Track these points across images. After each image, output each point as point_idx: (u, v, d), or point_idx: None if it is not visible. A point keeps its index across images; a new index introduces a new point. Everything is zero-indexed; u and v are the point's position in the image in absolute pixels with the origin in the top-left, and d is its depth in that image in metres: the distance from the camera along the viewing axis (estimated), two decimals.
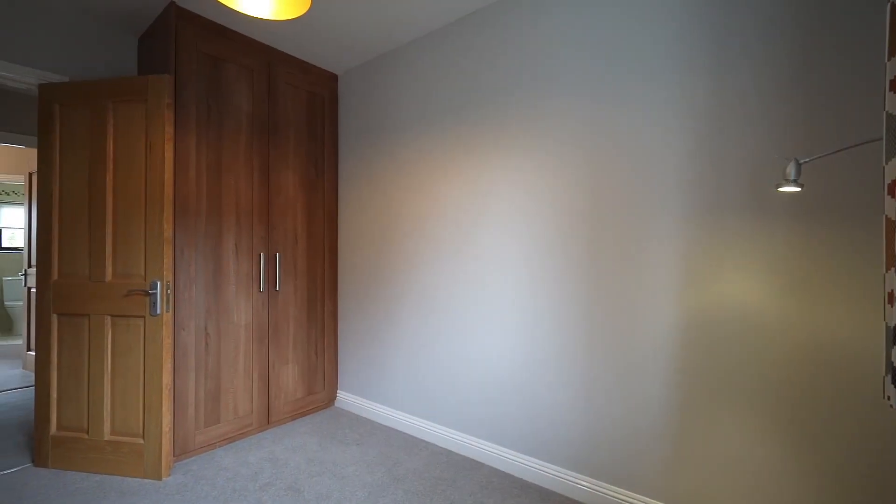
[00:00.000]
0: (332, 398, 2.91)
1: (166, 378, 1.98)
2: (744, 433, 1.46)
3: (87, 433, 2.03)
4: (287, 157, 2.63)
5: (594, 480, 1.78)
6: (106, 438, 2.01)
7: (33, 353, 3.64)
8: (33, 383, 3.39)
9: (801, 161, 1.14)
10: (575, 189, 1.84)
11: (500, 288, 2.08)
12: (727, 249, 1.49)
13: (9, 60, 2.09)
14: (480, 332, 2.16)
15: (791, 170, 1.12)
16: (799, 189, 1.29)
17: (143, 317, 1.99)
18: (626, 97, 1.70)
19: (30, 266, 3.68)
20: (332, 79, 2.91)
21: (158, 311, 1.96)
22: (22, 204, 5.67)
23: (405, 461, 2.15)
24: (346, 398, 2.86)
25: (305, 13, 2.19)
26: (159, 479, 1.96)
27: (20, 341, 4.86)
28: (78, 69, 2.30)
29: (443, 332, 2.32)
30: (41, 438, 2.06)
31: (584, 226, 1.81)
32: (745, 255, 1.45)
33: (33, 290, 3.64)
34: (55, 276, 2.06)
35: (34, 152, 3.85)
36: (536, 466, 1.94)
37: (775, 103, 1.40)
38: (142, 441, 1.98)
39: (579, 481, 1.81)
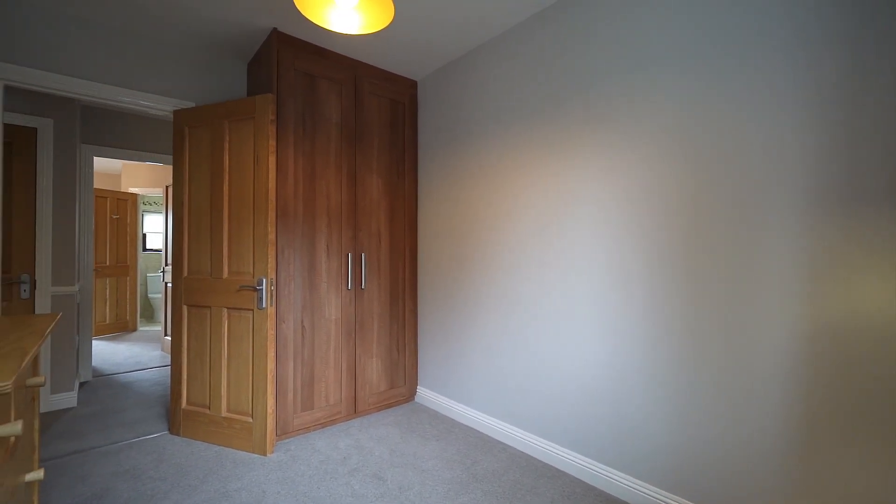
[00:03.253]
0: (412, 393, 3.01)
1: (270, 365, 2.21)
2: (884, 472, 1.21)
3: (209, 409, 2.35)
4: (371, 162, 2.79)
5: (688, 503, 1.62)
6: (223, 415, 2.31)
7: (169, 338, 4.32)
8: (169, 363, 4.03)
9: None
10: (671, 184, 1.69)
11: (587, 290, 1.99)
12: (863, 250, 1.25)
13: (152, 92, 2.50)
14: (564, 336, 2.08)
15: None
16: None
17: (252, 310, 2.25)
18: (733, 76, 1.52)
19: (167, 264, 4.37)
20: (412, 85, 3.02)
21: (264, 306, 2.20)
22: (161, 212, 6.76)
23: (483, 461, 2.15)
24: (426, 394, 2.94)
25: (388, 25, 2.31)
26: (265, 454, 2.20)
27: (159, 327, 5.80)
28: (201, 95, 2.68)
29: (523, 334, 2.28)
30: (175, 410, 2.44)
31: (682, 224, 1.65)
32: (886, 257, 1.21)
33: (169, 284, 4.32)
34: (186, 272, 2.42)
35: (170, 168, 4.58)
36: (623, 481, 1.82)
37: None
38: (251, 420, 2.24)
39: (671, 502, 1.66)
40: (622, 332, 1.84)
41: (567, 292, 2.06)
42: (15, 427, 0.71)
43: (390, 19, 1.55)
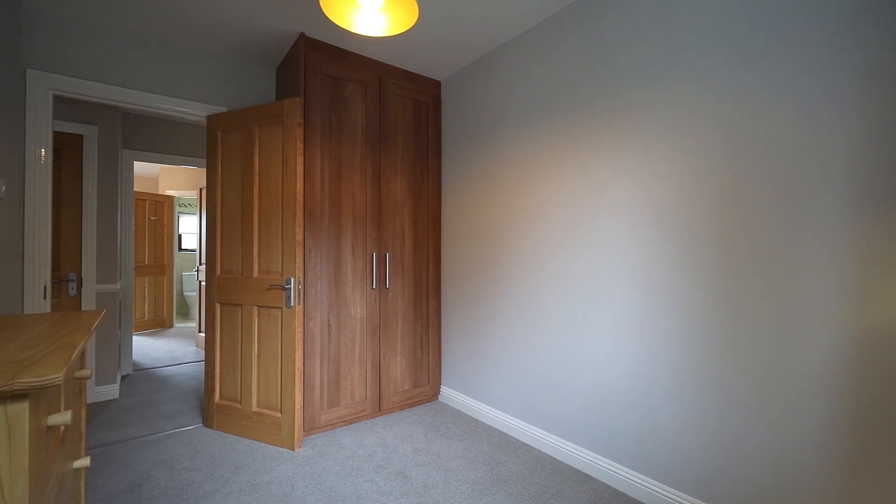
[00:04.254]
0: (435, 392, 3.02)
1: (298, 362, 2.27)
2: None
3: (240, 403, 2.43)
4: (395, 163, 2.82)
5: None
6: (253, 409, 2.38)
7: (203, 335, 4.49)
8: (203, 359, 4.19)
9: None
10: (707, 181, 1.63)
11: (614, 291, 1.94)
12: None
13: (188, 98, 2.60)
14: (591, 337, 2.04)
15: None
16: None
17: (280, 308, 2.31)
18: (776, 68, 1.45)
19: (201, 263, 4.54)
20: (436, 85, 3.03)
21: (292, 304, 2.26)
22: (195, 213, 7.04)
23: (507, 462, 2.13)
24: (449, 394, 2.95)
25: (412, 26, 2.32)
26: (293, 449, 2.25)
27: (194, 324, 6.04)
28: (233, 100, 2.77)
29: (549, 335, 2.25)
30: (209, 404, 2.53)
31: (718, 222, 1.59)
32: None
33: (203, 283, 4.49)
34: (219, 271, 2.51)
35: (204, 171, 4.76)
36: (654, 488, 1.76)
37: None
38: (279, 415, 2.30)
39: None
40: (652, 334, 1.79)
41: (593, 293, 2.02)
42: (65, 416, 0.75)
43: (415, 20, 1.56)
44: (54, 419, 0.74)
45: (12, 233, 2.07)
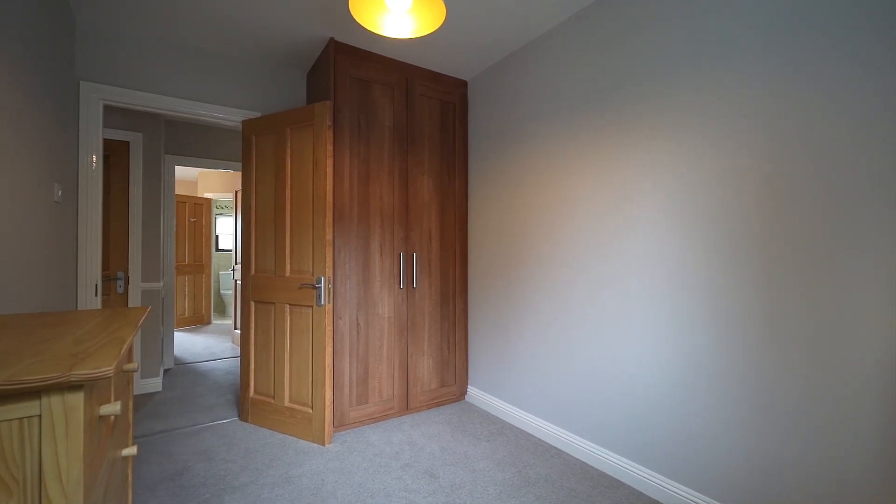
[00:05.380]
0: (462, 392, 3.02)
1: (328, 360, 2.32)
2: None
3: (273, 399, 2.50)
4: (422, 163, 2.83)
5: None
6: (285, 405, 2.45)
7: (238, 331, 4.67)
8: (239, 355, 4.35)
9: None
10: (749, 176, 1.55)
11: (647, 291, 1.88)
12: None
13: (224, 105, 2.71)
14: (623, 339, 1.99)
15: None
16: None
17: (311, 306, 2.37)
18: (825, 59, 1.36)
19: (236, 263, 4.73)
20: (462, 85, 3.03)
21: (322, 303, 2.31)
22: (231, 215, 7.33)
23: (536, 465, 2.10)
24: (476, 394, 2.94)
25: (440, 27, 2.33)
26: (323, 444, 2.31)
27: (230, 321, 6.29)
28: (266, 105, 2.86)
29: (579, 336, 2.21)
30: (244, 399, 2.63)
31: (761, 219, 1.51)
32: None
33: (238, 281, 4.66)
34: (253, 271, 2.61)
35: (239, 174, 4.94)
36: (688, 496, 1.69)
37: None
38: (310, 410, 2.36)
39: None
40: (689, 337, 1.72)
41: (625, 293, 1.96)
42: (115, 407, 0.80)
43: (442, 20, 1.56)
44: (106, 409, 0.78)
45: (68, 234, 2.22)
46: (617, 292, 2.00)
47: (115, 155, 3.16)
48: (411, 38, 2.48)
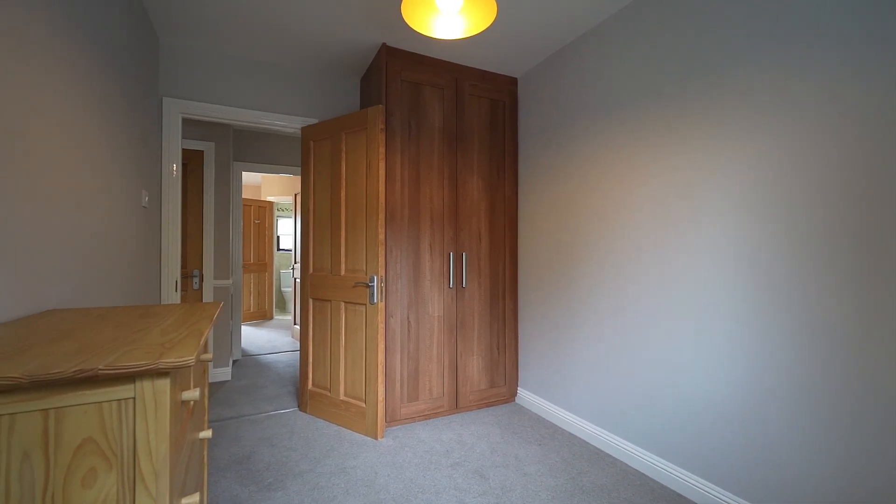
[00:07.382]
0: (512, 394, 2.98)
1: (380, 356, 2.39)
2: None
3: (329, 391, 2.62)
4: (472, 163, 2.83)
5: None
6: (341, 398, 2.56)
7: (298, 327, 4.94)
8: (298, 348, 4.61)
9: None
10: (837, 170, 1.39)
11: (715, 295, 1.75)
12: None
13: (284, 113, 2.88)
14: (686, 344, 1.86)
15: None
16: None
17: (364, 304, 2.45)
18: None
19: (296, 262, 5.00)
20: (512, 83, 2.99)
21: (375, 301, 2.38)
22: (291, 217, 7.77)
23: (590, 473, 2.03)
24: (527, 396, 2.89)
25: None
26: (375, 438, 2.38)
27: (290, 317, 6.67)
28: (323, 111, 3.00)
29: (636, 340, 2.10)
30: (303, 391, 2.77)
31: (853, 217, 1.35)
32: None
33: (298, 280, 4.93)
34: (311, 269, 2.74)
35: (298, 178, 5.23)
36: None
37: None
38: (364, 405, 2.44)
39: None
40: (763, 346, 1.57)
41: (690, 297, 1.84)
42: (194, 393, 0.88)
43: (493, 18, 1.55)
44: (187, 395, 0.86)
45: (153, 236, 2.47)
46: (680, 294, 1.88)
47: (191, 163, 3.47)
48: (461, 38, 2.49)
